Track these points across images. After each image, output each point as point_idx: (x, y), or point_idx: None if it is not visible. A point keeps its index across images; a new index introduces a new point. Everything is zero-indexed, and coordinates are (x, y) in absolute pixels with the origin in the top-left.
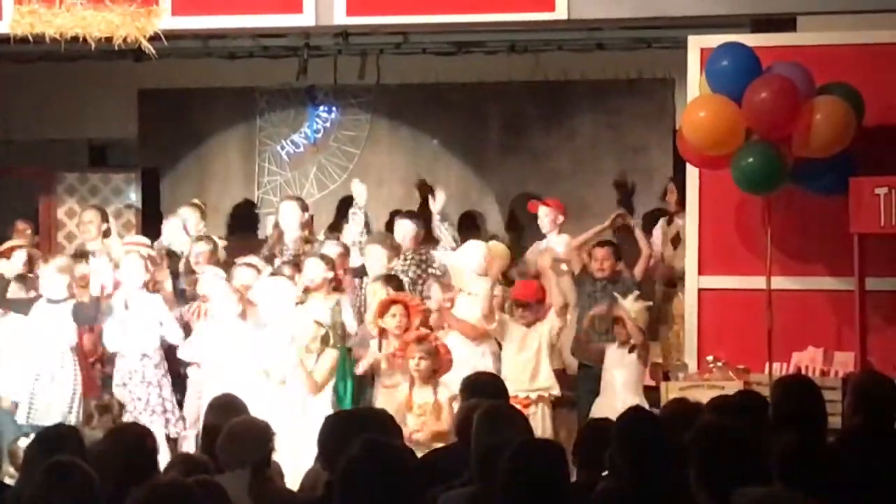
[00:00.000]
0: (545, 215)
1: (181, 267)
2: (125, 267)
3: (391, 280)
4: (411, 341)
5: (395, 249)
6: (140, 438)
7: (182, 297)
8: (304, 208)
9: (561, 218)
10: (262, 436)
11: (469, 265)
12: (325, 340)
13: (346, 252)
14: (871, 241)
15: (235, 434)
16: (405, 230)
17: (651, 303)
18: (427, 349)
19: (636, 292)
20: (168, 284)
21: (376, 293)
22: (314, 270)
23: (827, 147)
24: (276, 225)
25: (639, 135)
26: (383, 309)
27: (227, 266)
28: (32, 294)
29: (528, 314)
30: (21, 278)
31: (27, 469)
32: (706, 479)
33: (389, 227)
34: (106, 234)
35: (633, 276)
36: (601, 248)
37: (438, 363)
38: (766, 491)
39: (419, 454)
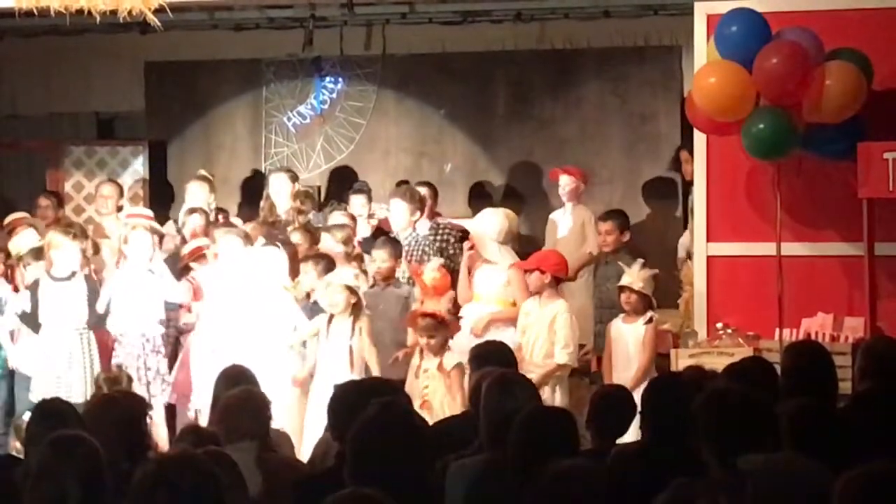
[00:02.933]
0: (566, 184)
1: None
2: (132, 243)
3: (394, 244)
4: (418, 316)
5: (419, 202)
6: (128, 409)
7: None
8: (294, 179)
9: (583, 186)
10: (257, 408)
11: (488, 232)
12: (356, 307)
13: (353, 223)
14: (880, 206)
15: (231, 407)
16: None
17: (657, 271)
18: (430, 325)
19: (641, 261)
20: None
21: (376, 259)
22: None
23: (837, 112)
24: (267, 197)
25: (646, 102)
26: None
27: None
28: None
29: (536, 281)
30: (38, 252)
31: (30, 445)
32: (715, 445)
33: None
34: (120, 209)
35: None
36: (604, 222)
37: (446, 333)
38: (773, 456)
39: (430, 419)
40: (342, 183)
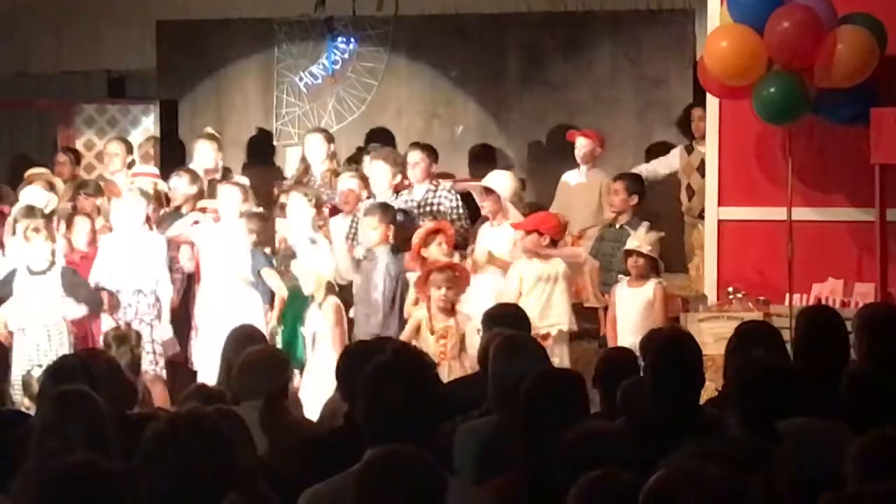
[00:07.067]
0: (583, 146)
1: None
2: (123, 204)
3: (386, 210)
4: (434, 269)
5: (400, 166)
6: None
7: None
8: (330, 140)
9: (599, 150)
10: (276, 366)
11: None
12: (330, 288)
13: (364, 184)
14: (892, 171)
15: (250, 364)
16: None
17: (663, 234)
18: (451, 277)
19: (646, 223)
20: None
21: (368, 224)
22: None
23: (849, 77)
24: (303, 158)
25: (658, 66)
26: (426, 239)
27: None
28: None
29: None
30: (29, 211)
31: (41, 400)
32: (745, 411)
33: None
34: (130, 165)
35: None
36: (615, 182)
37: (460, 289)
38: (809, 421)
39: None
40: (353, 144)
